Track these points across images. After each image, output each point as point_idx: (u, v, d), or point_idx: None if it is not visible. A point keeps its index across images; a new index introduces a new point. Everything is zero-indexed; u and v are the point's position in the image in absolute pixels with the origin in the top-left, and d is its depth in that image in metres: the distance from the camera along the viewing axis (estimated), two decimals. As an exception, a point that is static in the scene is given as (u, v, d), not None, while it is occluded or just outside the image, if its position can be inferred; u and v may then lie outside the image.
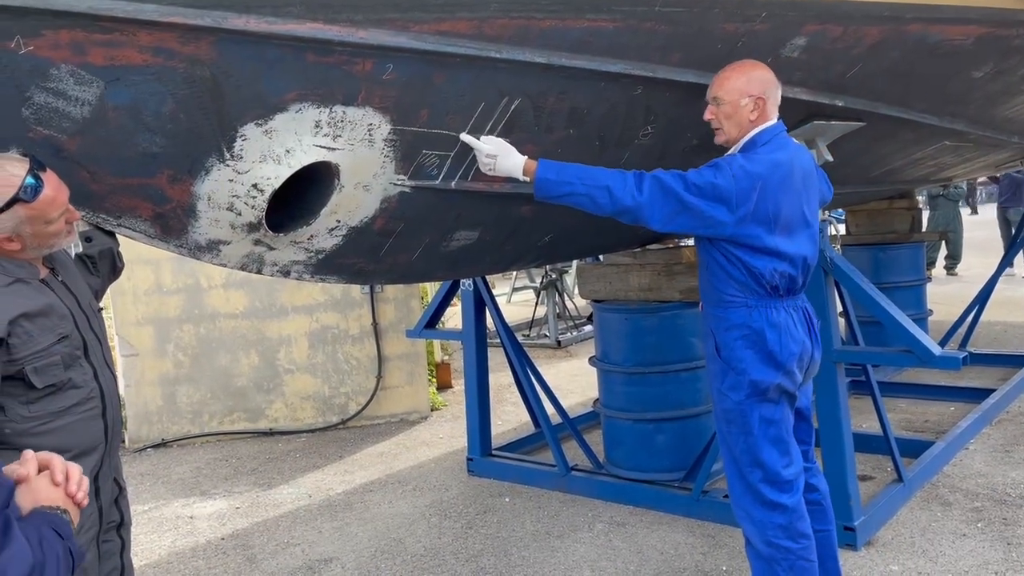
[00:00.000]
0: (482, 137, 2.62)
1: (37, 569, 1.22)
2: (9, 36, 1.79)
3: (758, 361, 2.82)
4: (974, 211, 11.73)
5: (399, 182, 2.56)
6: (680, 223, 2.74)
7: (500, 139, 2.65)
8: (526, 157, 2.67)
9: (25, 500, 1.35)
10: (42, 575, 1.23)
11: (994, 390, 5.86)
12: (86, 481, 1.44)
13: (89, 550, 2.17)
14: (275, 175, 2.28)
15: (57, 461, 1.42)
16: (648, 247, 4.53)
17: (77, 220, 2.18)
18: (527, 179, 2.69)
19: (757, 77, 2.77)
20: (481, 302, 5.08)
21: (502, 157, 2.64)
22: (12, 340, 2.01)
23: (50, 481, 1.39)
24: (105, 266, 2.59)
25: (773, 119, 2.84)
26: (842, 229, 8.31)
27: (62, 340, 2.12)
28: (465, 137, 2.58)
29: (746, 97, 2.75)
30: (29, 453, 1.42)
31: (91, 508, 2.19)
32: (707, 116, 2.83)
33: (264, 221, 2.38)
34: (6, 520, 1.21)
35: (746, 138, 2.81)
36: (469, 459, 5.23)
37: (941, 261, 13.14)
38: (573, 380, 7.67)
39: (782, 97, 2.87)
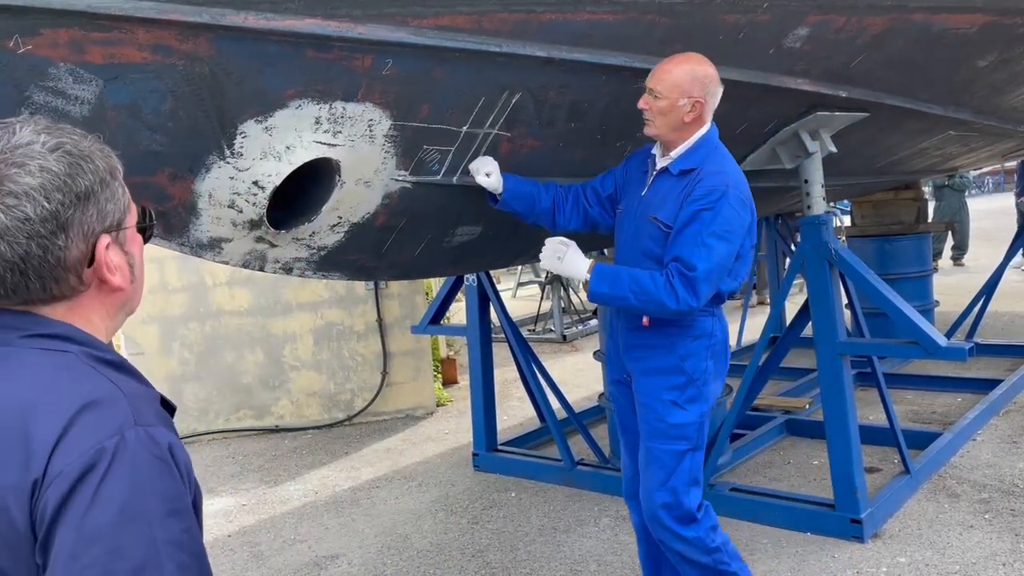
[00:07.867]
0: (547, 240, 2.67)
1: None
2: (8, 35, 1.79)
3: (716, 372, 2.74)
4: None
5: (400, 178, 2.56)
6: (741, 271, 2.66)
7: (566, 241, 2.66)
8: (591, 262, 2.60)
9: None
10: None
11: (1001, 380, 5.84)
12: None
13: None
14: (276, 172, 2.27)
15: None
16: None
17: None
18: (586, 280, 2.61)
19: (701, 76, 2.57)
20: (485, 297, 5.08)
21: (568, 260, 2.62)
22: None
23: None
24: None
25: (709, 123, 2.68)
26: (847, 220, 8.26)
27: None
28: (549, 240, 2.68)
29: (685, 98, 2.56)
30: None
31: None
32: (641, 105, 2.64)
33: (265, 218, 2.38)
34: None
35: (694, 139, 2.64)
36: (475, 454, 5.23)
37: (948, 252, 13.08)
38: (579, 374, 7.66)
39: (785, 88, 2.84)
